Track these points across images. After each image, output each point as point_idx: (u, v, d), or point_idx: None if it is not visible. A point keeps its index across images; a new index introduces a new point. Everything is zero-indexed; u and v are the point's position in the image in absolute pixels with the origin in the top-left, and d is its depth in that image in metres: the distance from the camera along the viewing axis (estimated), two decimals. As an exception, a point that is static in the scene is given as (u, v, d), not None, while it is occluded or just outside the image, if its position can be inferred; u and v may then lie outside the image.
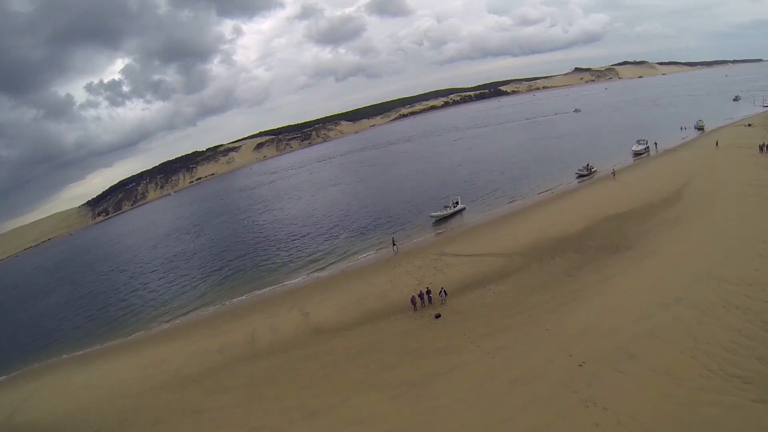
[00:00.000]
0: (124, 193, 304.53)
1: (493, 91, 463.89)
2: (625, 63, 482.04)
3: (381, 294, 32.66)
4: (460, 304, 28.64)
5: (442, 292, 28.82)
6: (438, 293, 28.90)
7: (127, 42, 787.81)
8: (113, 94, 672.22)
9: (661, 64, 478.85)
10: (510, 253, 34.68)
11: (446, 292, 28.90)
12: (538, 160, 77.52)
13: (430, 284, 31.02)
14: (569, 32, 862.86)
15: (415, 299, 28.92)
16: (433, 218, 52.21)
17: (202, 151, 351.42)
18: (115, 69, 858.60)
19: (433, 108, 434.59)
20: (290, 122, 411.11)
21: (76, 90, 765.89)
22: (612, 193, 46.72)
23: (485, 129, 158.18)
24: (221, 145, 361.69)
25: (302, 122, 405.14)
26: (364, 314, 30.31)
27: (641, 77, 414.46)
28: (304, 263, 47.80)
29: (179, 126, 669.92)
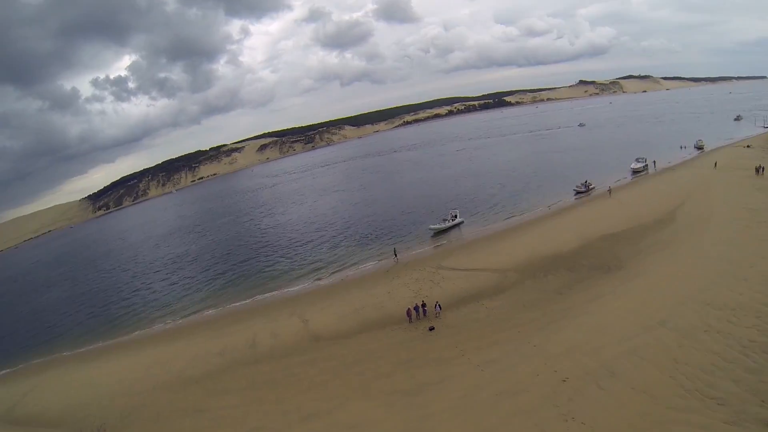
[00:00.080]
0: (125, 189, 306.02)
1: (498, 101, 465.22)
2: (630, 77, 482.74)
3: (379, 304, 33.69)
4: (453, 317, 29.74)
5: (436, 306, 29.95)
6: (433, 307, 30.02)
7: (134, 38, 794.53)
8: (119, 89, 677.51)
9: (665, 78, 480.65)
10: (505, 269, 35.72)
11: (441, 306, 30.03)
12: (539, 175, 78.47)
13: (426, 297, 32.09)
14: (575, 44, 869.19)
15: (411, 311, 29.99)
16: (432, 231, 52.94)
17: (205, 151, 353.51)
18: (121, 65, 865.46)
19: (437, 116, 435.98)
20: (294, 125, 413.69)
21: (82, 84, 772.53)
22: (607, 212, 47.60)
23: (488, 140, 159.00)
24: (224, 145, 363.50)
25: (306, 125, 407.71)
26: (362, 324, 31.36)
27: (645, 91, 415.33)
28: (306, 271, 48.66)
29: (183, 124, 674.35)
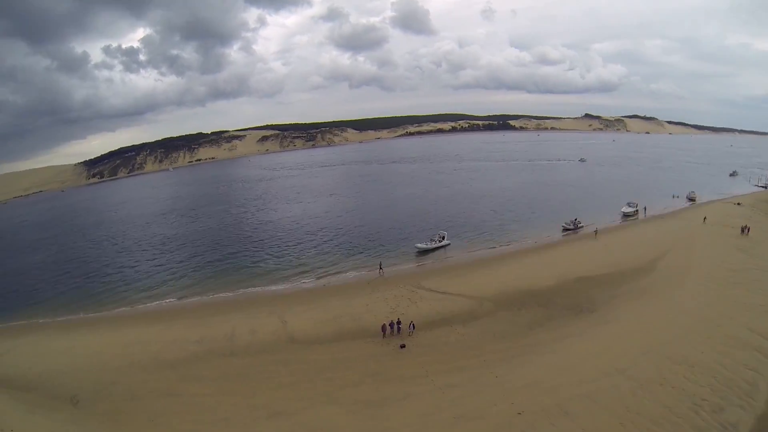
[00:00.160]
0: (122, 160, 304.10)
1: (502, 123, 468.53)
2: (635, 116, 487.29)
3: (356, 315, 34.85)
4: (425, 338, 31.05)
5: (411, 325, 31.31)
6: (407, 326, 31.36)
7: (151, 12, 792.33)
8: (129, 60, 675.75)
9: (669, 122, 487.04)
10: (481, 298, 36.96)
11: (414, 325, 31.38)
12: (532, 206, 79.86)
13: (402, 315, 33.31)
14: (586, 78, 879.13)
15: (386, 327, 31.26)
16: (418, 249, 53.96)
17: (206, 134, 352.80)
18: (135, 36, 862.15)
19: (440, 131, 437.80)
20: (298, 120, 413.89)
21: (93, 49, 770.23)
22: (590, 254, 48.59)
23: (487, 163, 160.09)
24: (226, 131, 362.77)
25: (309, 122, 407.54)
26: (338, 332, 32.52)
27: (648, 133, 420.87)
28: (291, 273, 49.52)
29: (188, 103, 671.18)
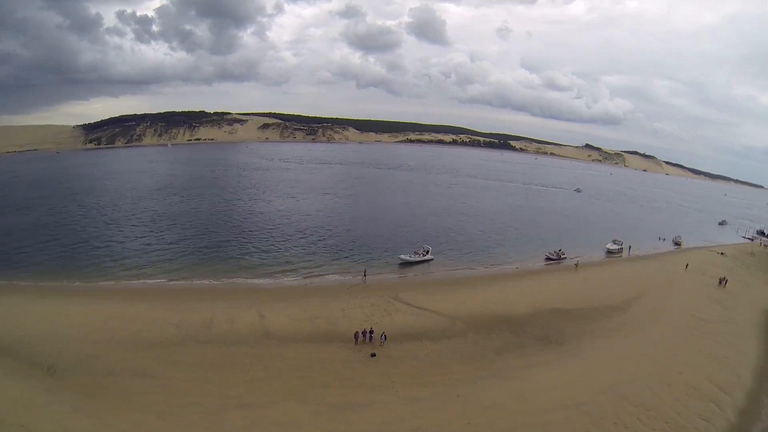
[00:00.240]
0: (121, 129, 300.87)
1: (503, 143, 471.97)
2: (635, 153, 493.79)
3: (332, 319, 36.08)
4: (395, 350, 32.33)
5: (383, 336, 32.61)
6: (379, 336, 32.66)
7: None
8: (141, 29, 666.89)
9: (668, 163, 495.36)
10: (455, 317, 38.23)
11: (386, 336, 32.67)
12: (520, 231, 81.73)
13: (376, 324, 34.60)
14: (591, 108, 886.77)
15: (358, 335, 32.53)
16: (401, 261, 55.16)
17: (209, 113, 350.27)
18: (151, 5, 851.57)
19: (441, 142, 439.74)
20: (301, 112, 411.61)
21: (107, 13, 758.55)
22: (568, 286, 49.82)
23: (482, 182, 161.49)
24: (229, 113, 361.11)
25: (312, 116, 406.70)
26: (312, 333, 33.73)
27: (645, 171, 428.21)
28: (275, 270, 50.36)
29: (194, 81, 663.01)
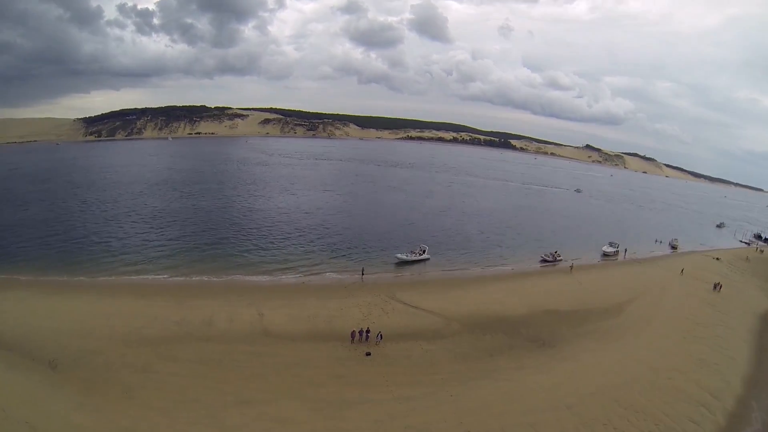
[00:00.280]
0: (121, 122, 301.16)
1: (503, 141, 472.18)
2: (635, 155, 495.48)
3: (329, 318, 36.75)
4: (391, 349, 33.05)
5: (378, 335, 33.33)
6: (375, 335, 33.36)
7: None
8: (142, 22, 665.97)
9: (668, 165, 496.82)
10: (450, 318, 38.88)
11: (382, 336, 33.38)
12: (519, 231, 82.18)
13: (373, 324, 35.27)
14: (593, 108, 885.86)
15: (355, 334, 33.24)
16: (398, 260, 55.63)
17: (209, 107, 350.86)
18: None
19: (441, 140, 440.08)
20: (302, 107, 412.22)
21: (108, 5, 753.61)
22: (562, 289, 50.19)
23: (481, 180, 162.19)
24: (230, 108, 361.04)
25: (313, 112, 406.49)
26: (310, 331, 34.41)
27: (645, 173, 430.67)
28: (274, 268, 50.78)
29: (195, 74, 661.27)
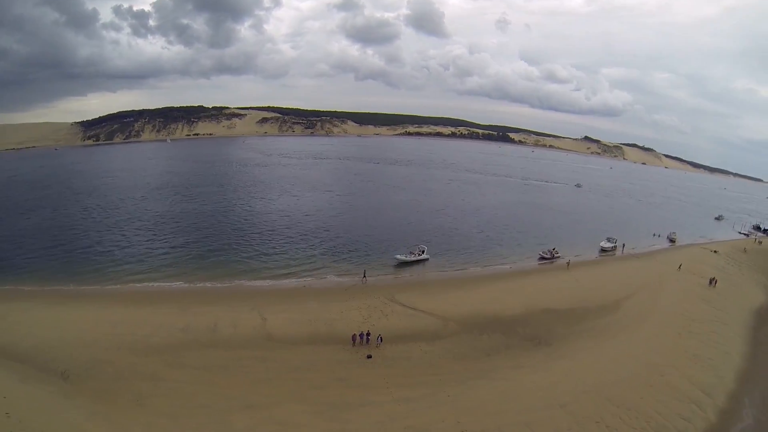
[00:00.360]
0: (119, 125, 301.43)
1: (501, 135, 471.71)
2: (634, 146, 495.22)
3: (330, 321, 37.58)
4: (390, 351, 33.94)
5: (378, 338, 34.25)
6: (375, 338, 34.28)
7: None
8: (138, 24, 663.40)
9: (667, 156, 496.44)
10: (448, 318, 39.66)
11: (382, 338, 34.29)
12: (517, 228, 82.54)
13: (373, 326, 36.09)
14: (591, 100, 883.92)
15: (356, 337, 34.14)
16: (398, 261, 56.33)
17: (207, 108, 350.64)
18: (147, 0, 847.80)
19: (439, 135, 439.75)
20: (299, 106, 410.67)
21: (103, 8, 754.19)
22: (559, 287, 50.62)
23: (480, 176, 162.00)
24: (227, 108, 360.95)
25: (311, 109, 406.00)
26: (311, 335, 35.23)
27: (644, 164, 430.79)
28: (276, 273, 51.43)
29: (192, 74, 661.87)
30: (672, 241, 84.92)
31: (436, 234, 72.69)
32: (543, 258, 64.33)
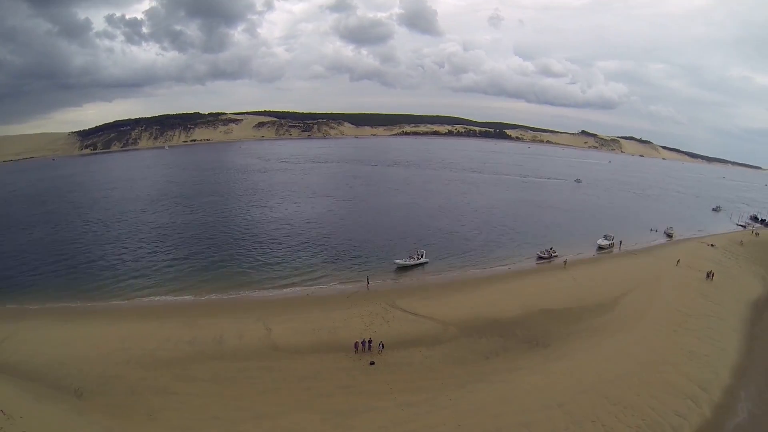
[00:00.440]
0: (116, 134, 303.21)
1: (499, 132, 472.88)
2: (631, 138, 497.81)
3: (333, 329, 38.38)
4: (393, 357, 34.78)
5: (380, 345, 35.11)
6: (377, 345, 35.15)
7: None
8: (131, 31, 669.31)
9: (664, 147, 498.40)
10: (448, 323, 40.34)
11: (384, 345, 35.14)
12: (517, 229, 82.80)
13: (375, 333, 36.98)
14: (586, 93, 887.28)
15: (358, 344, 35.00)
16: (397, 265, 57.19)
17: (203, 114, 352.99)
18: (140, 8, 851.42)
19: (436, 133, 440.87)
20: (295, 108, 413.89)
21: (96, 17, 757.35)
22: (557, 286, 51.04)
23: (479, 176, 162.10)
24: (224, 113, 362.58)
25: (307, 112, 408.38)
26: (316, 344, 36.04)
27: (642, 156, 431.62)
28: (279, 283, 52.13)
29: (187, 80, 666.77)
30: (669, 236, 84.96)
31: (435, 236, 73.41)
32: (541, 258, 64.90)
